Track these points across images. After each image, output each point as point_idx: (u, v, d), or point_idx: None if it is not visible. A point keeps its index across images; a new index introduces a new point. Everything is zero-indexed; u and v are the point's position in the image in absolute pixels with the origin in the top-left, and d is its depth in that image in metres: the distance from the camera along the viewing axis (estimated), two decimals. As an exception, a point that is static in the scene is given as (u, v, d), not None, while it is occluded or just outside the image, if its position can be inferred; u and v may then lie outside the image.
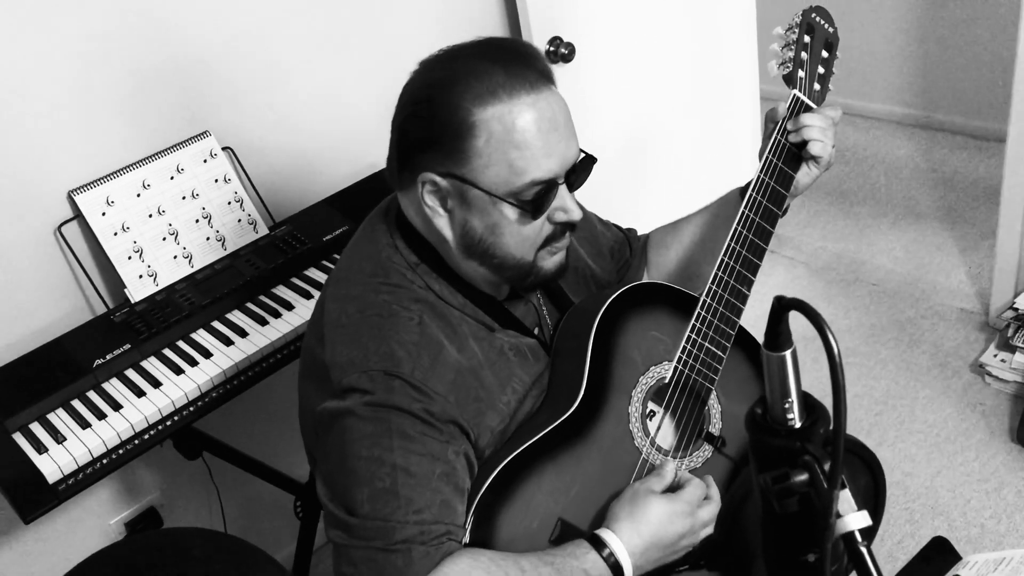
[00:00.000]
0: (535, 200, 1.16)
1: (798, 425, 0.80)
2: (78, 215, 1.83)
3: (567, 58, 2.37)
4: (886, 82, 3.99)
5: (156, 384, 1.69)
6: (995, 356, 2.58)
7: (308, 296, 1.88)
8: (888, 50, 3.91)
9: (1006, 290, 2.70)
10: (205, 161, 1.97)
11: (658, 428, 1.31)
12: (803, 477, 0.77)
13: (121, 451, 1.61)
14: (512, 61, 1.14)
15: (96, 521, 2.06)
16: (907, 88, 3.96)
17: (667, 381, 1.30)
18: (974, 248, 3.14)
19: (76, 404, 1.67)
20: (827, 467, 0.76)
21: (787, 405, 0.78)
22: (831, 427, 0.75)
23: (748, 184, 1.39)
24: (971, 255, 3.11)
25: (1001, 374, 2.54)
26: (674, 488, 1.23)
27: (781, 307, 0.75)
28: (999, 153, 3.19)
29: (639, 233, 1.60)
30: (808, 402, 0.80)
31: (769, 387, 0.79)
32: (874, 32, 3.88)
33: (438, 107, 1.14)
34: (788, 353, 0.78)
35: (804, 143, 1.31)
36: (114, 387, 1.70)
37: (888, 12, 3.83)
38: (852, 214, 3.47)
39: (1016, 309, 2.54)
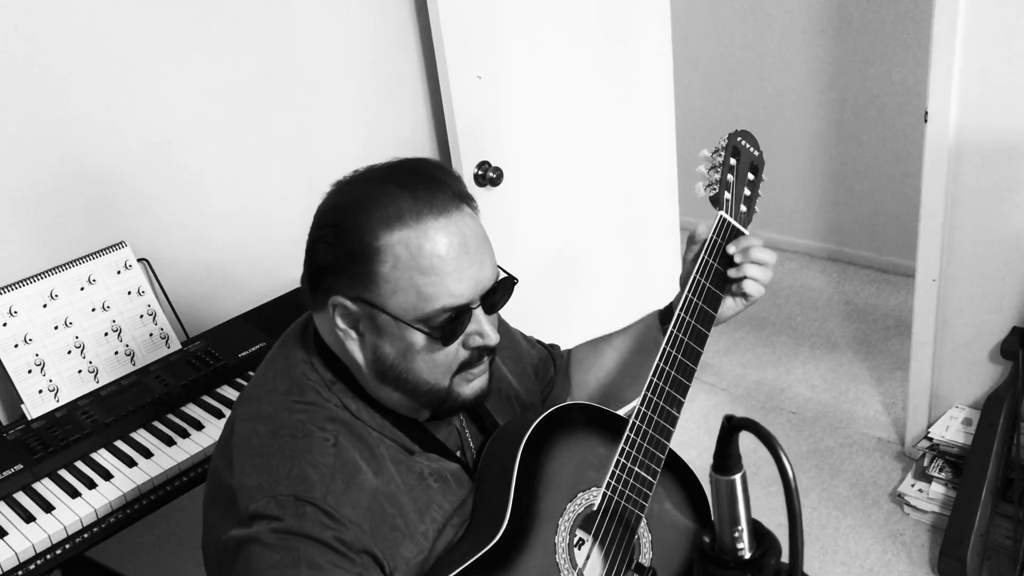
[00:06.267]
0: (445, 326, 1.13)
1: (748, 555, 0.76)
2: (-24, 325, 1.73)
3: (495, 182, 2.40)
4: (799, 216, 4.15)
5: (48, 508, 1.57)
6: (912, 486, 2.60)
7: (220, 415, 1.79)
8: (801, 186, 4.09)
9: (920, 420, 2.75)
10: (119, 272, 1.90)
11: (587, 559, 1.25)
12: (757, 612, 0.73)
13: (2, 583, 1.48)
14: (421, 184, 1.12)
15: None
16: (819, 223, 4.12)
17: (596, 508, 1.25)
18: (887, 378, 3.21)
19: (-46, 531, 1.53)
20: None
21: (737, 533, 0.74)
22: (784, 558, 0.71)
23: (669, 306, 1.38)
24: (885, 385, 3.18)
25: (919, 504, 2.56)
26: None
27: (731, 427, 0.71)
28: (907, 287, 3.32)
29: (562, 349, 1.58)
30: (758, 530, 0.76)
31: (717, 513, 0.75)
32: (788, 168, 4.06)
33: (345, 231, 1.12)
34: (738, 477, 0.74)
35: (742, 277, 1.29)
36: (-1, 512, 1.57)
37: (801, 150, 4.02)
38: (770, 342, 3.54)
39: (931, 439, 2.58)
